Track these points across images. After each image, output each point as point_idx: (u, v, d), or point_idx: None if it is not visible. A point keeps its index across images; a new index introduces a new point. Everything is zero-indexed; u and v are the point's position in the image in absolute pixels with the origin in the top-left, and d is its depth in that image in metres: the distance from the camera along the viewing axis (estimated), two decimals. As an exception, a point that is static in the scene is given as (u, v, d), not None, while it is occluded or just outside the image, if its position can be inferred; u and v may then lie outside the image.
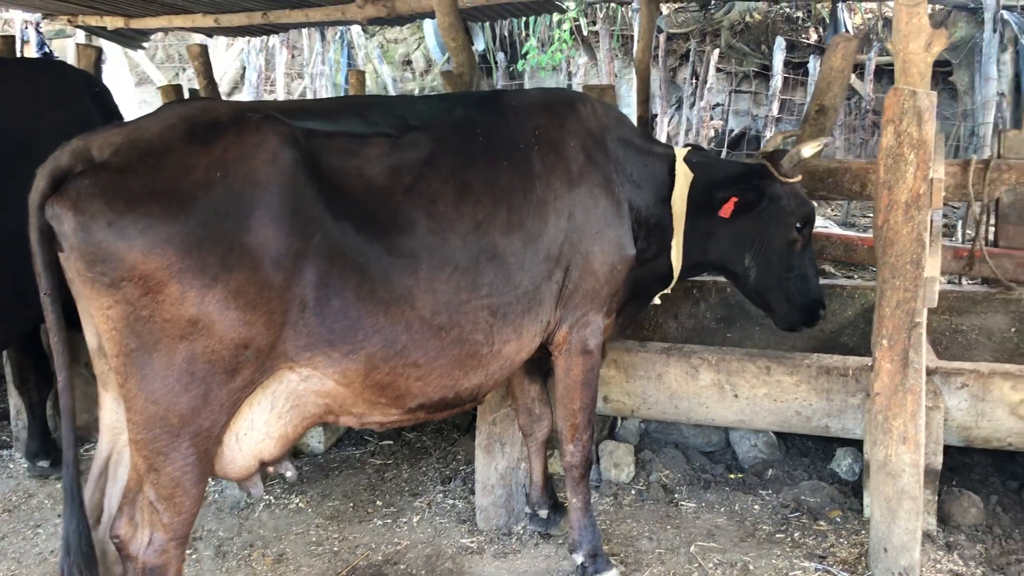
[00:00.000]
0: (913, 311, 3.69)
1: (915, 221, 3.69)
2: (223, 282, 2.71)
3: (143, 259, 2.60)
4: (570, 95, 3.97)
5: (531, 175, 3.51)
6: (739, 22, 15.36)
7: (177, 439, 2.82)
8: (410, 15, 9.03)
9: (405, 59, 19.07)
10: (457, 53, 5.71)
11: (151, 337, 2.69)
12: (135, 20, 9.69)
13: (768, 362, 4.25)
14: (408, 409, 3.31)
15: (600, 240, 3.66)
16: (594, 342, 3.76)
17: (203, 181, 2.71)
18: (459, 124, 3.49)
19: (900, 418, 3.72)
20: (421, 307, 3.13)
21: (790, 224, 4.05)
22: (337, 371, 3.05)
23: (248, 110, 3.01)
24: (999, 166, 4.73)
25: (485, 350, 3.35)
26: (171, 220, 2.63)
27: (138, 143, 2.74)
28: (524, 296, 3.42)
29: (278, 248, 2.80)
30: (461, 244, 3.23)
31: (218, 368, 2.79)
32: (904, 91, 3.82)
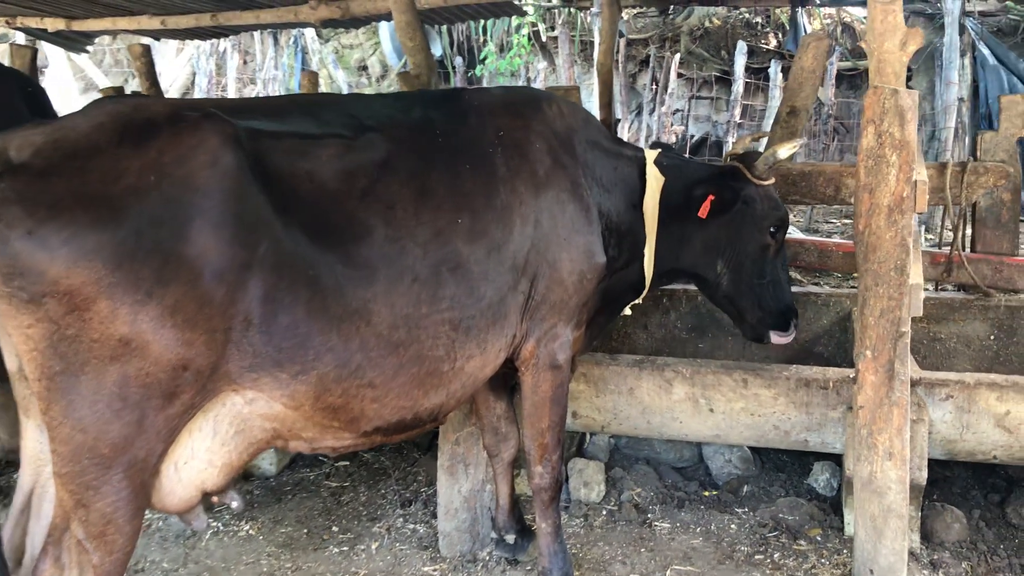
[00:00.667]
0: (898, 320, 3.51)
1: (899, 226, 3.52)
2: (158, 297, 2.46)
3: (67, 272, 2.36)
4: (535, 94, 3.75)
5: (495, 179, 3.28)
6: (698, 27, 15.29)
7: (108, 471, 2.55)
8: (365, 17, 8.76)
9: (361, 64, 18.75)
10: (414, 53, 5.47)
11: (77, 359, 2.43)
12: (77, 22, 9.30)
13: (745, 375, 4.05)
14: (363, 433, 3.05)
15: (568, 248, 3.43)
16: (563, 356, 3.53)
17: (135, 186, 2.47)
18: (417, 124, 3.25)
19: (885, 433, 3.53)
20: (377, 322, 2.88)
21: (764, 228, 3.87)
22: (285, 393, 2.79)
23: (186, 108, 2.74)
24: (976, 169, 4.59)
25: (446, 367, 3.10)
26: (99, 229, 2.39)
27: (62, 143, 2.48)
28: (488, 309, 3.18)
29: (220, 259, 2.55)
30: (421, 253, 2.99)
31: (154, 392, 2.53)
32: (884, 90, 3.66)
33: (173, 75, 18.11)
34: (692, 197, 3.80)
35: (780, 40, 14.82)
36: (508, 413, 3.97)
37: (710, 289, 4.03)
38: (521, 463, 4.29)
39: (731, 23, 15.28)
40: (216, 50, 17.28)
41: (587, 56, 16.45)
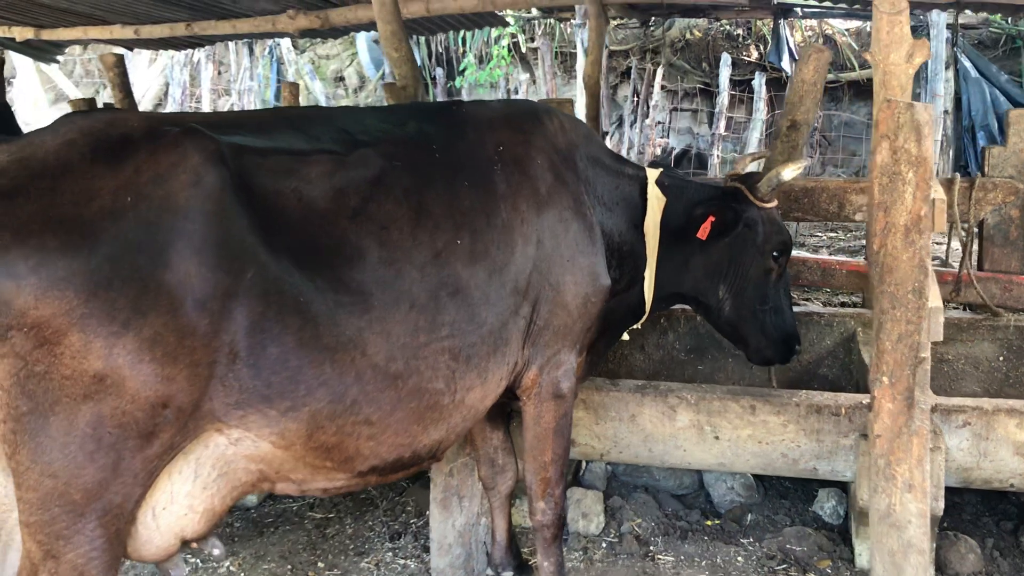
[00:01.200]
0: (917, 345, 3.34)
1: (916, 246, 3.35)
2: (136, 329, 2.24)
3: (36, 303, 2.14)
4: (535, 107, 3.56)
5: (495, 197, 3.08)
6: (679, 40, 15.21)
7: (81, 519, 2.31)
8: (344, 27, 8.59)
9: (337, 75, 18.54)
10: (400, 64, 5.28)
11: (47, 398, 2.20)
12: (47, 31, 9.06)
13: (753, 401, 3.87)
14: (358, 473, 2.81)
15: (572, 269, 3.24)
16: (567, 385, 3.34)
17: (110, 208, 2.26)
18: (412, 139, 3.05)
19: (905, 463, 3.35)
20: (373, 353, 2.65)
21: (766, 252, 3.72)
22: (274, 432, 2.55)
23: (165, 122, 2.52)
24: (984, 185, 4.46)
25: (447, 400, 2.88)
26: (71, 255, 2.18)
27: (29, 162, 2.27)
28: (490, 335, 2.97)
29: (202, 287, 2.33)
30: (419, 277, 2.77)
31: (131, 432, 2.30)
32: (899, 103, 3.48)
33: (145, 86, 17.79)
34: (692, 218, 3.64)
35: (762, 52, 14.76)
36: (505, 444, 3.76)
37: (712, 315, 3.88)
38: (517, 494, 4.10)
39: (712, 35, 15.20)
40: (190, 60, 16.99)
41: (567, 67, 16.34)
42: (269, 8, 8.04)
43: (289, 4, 7.88)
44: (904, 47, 4.32)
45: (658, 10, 9.49)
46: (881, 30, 4.32)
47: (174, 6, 7.92)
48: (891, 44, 4.34)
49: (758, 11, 10.80)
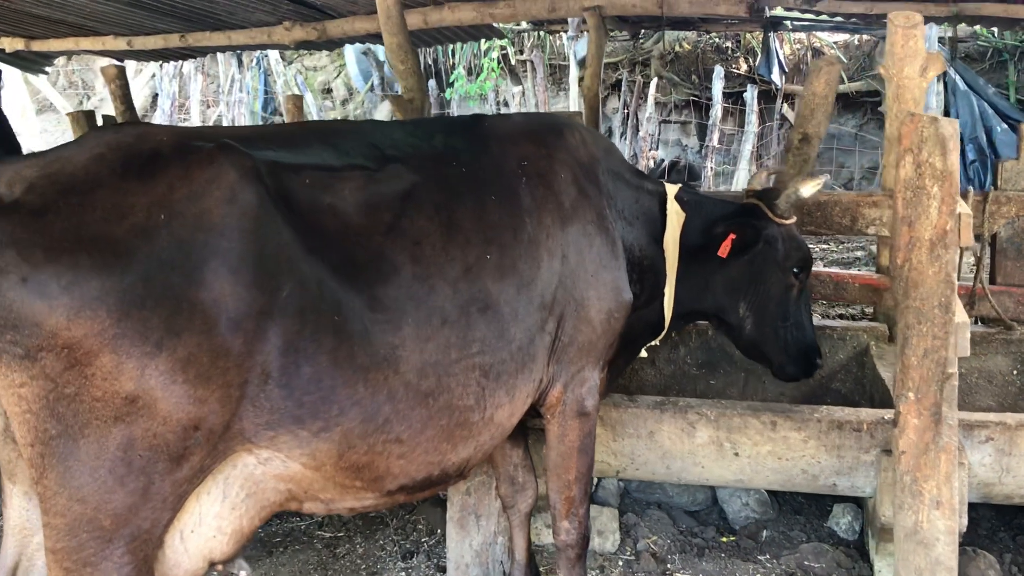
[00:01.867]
0: (944, 360, 3.31)
1: (942, 261, 3.32)
2: (169, 350, 2.19)
3: (68, 323, 2.09)
4: (556, 121, 3.53)
5: (520, 211, 3.05)
6: (669, 52, 15.25)
7: (109, 545, 2.24)
8: (341, 39, 8.55)
9: (325, 87, 18.48)
10: (406, 76, 5.24)
11: (77, 420, 2.14)
12: (37, 42, 8.96)
13: (774, 417, 3.83)
14: (387, 492, 2.77)
15: (596, 284, 3.21)
16: (591, 402, 3.30)
17: (143, 225, 2.20)
18: (440, 154, 3.01)
19: (932, 480, 3.32)
20: (406, 370, 2.61)
21: (787, 269, 3.71)
22: (305, 453, 2.50)
23: (195, 137, 2.46)
24: (998, 198, 4.46)
25: (476, 417, 2.84)
26: (104, 273, 2.12)
27: (58, 178, 2.21)
28: (519, 352, 2.93)
29: (237, 306, 2.27)
30: (451, 292, 2.73)
31: (161, 455, 2.25)
32: (924, 117, 3.45)
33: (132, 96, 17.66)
34: (712, 235, 3.63)
35: (751, 65, 14.82)
36: (525, 461, 3.71)
37: (733, 333, 3.86)
38: (535, 511, 4.04)
39: (702, 48, 15.26)
40: (179, 71, 16.88)
41: (556, 80, 16.36)
42: (265, 19, 7.99)
43: (285, 15, 7.82)
44: (918, 60, 4.33)
45: (649, 23, 9.52)
46: (896, 44, 4.33)
47: (168, 17, 7.86)
48: (905, 58, 4.34)
49: (748, 24, 10.87)
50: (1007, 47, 13.72)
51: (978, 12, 6.92)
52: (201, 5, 7.32)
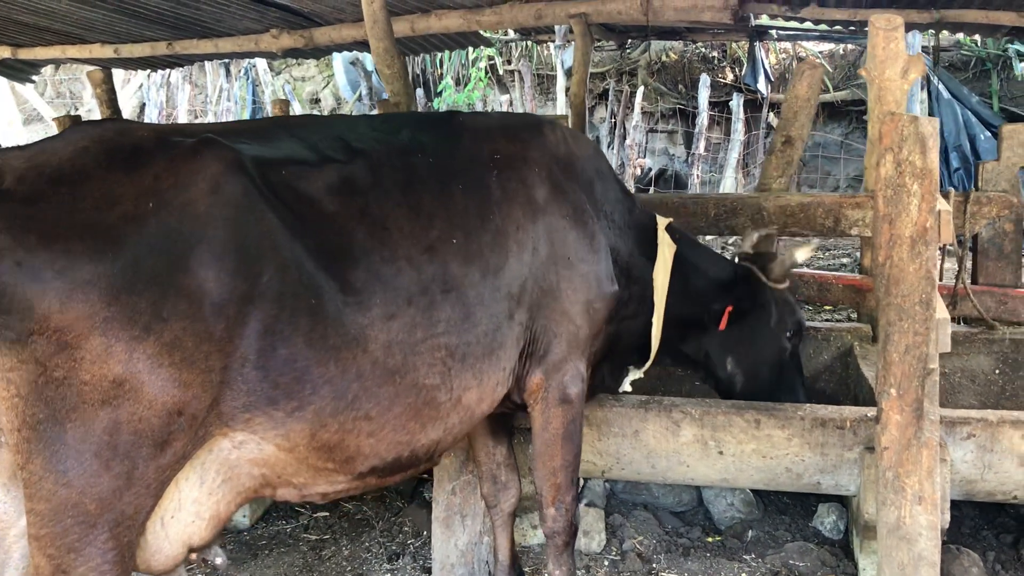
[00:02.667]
0: (925, 356, 3.34)
1: (923, 257, 3.35)
2: (156, 333, 2.26)
3: (60, 307, 2.14)
4: (536, 119, 3.60)
5: (488, 202, 3.11)
6: (656, 62, 15.33)
7: (93, 530, 2.28)
8: (328, 46, 8.57)
9: (313, 97, 18.50)
10: (393, 81, 5.26)
11: (65, 404, 2.18)
12: (24, 50, 8.94)
13: (758, 415, 3.84)
14: (358, 474, 2.80)
15: (571, 276, 3.26)
16: (574, 390, 3.32)
17: (133, 213, 2.28)
18: (407, 146, 3.09)
19: (914, 476, 3.34)
20: (374, 349, 2.67)
21: (779, 334, 3.81)
22: (279, 433, 2.55)
23: (172, 133, 2.54)
24: (979, 199, 4.50)
25: (443, 397, 2.88)
26: (96, 258, 2.19)
27: (45, 169, 2.28)
28: (484, 337, 2.98)
29: (221, 291, 2.34)
30: (416, 275, 2.80)
31: (146, 440, 2.29)
32: (903, 116, 3.49)
33: (120, 105, 17.63)
34: (710, 312, 3.75)
35: (737, 74, 14.91)
36: (508, 460, 3.72)
37: (720, 386, 3.95)
38: (520, 512, 4.04)
39: (688, 57, 15.35)
40: (166, 81, 16.87)
41: (544, 89, 16.42)
42: (252, 27, 8.00)
43: (273, 23, 7.84)
44: (899, 63, 4.37)
45: (635, 32, 9.58)
46: (877, 47, 4.37)
47: (155, 25, 7.86)
48: (887, 60, 4.38)
49: (734, 33, 10.95)
50: (990, 56, 13.86)
51: (960, 19, 6.99)
52: (188, 13, 7.33)
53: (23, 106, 17.97)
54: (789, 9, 7.33)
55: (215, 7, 7.05)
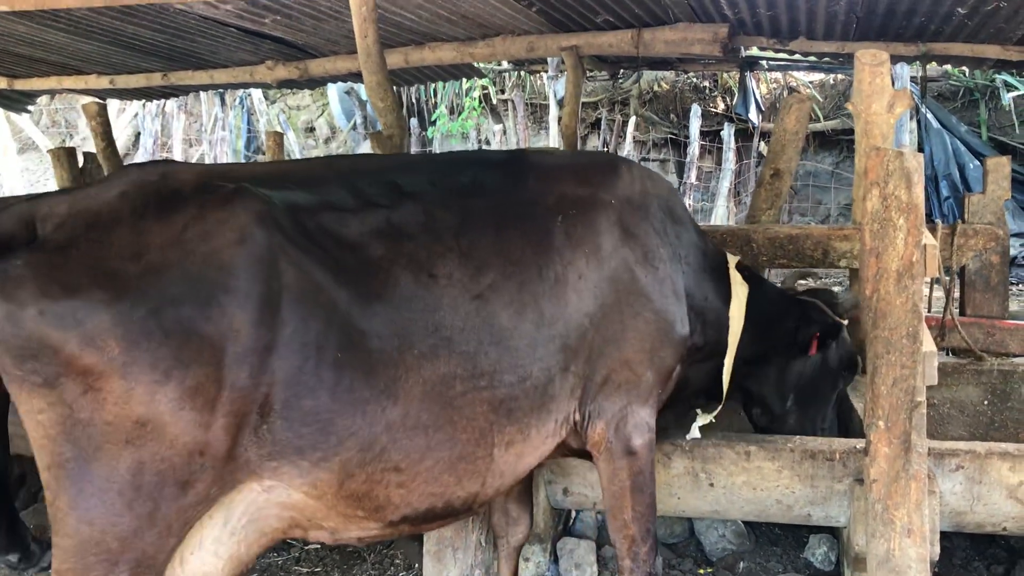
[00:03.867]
0: (913, 389, 3.37)
1: (909, 291, 3.39)
2: (177, 379, 2.31)
3: (81, 352, 2.23)
4: (610, 157, 3.55)
5: (549, 248, 3.03)
6: (648, 92, 15.47)
7: (114, 569, 2.33)
8: (323, 77, 8.65)
9: (308, 126, 18.60)
10: (386, 114, 5.31)
11: (91, 444, 2.28)
12: (20, 81, 9.00)
13: (748, 446, 3.86)
14: (390, 522, 2.79)
15: (637, 324, 3.17)
16: (640, 440, 3.23)
17: (157, 263, 2.34)
18: (465, 189, 3.03)
19: (903, 508, 3.36)
20: (405, 401, 2.65)
21: (839, 370, 3.83)
22: (306, 482, 2.56)
23: (216, 176, 2.58)
24: (965, 231, 4.55)
25: (482, 452, 2.84)
26: (115, 307, 2.26)
27: (84, 214, 2.38)
28: (533, 390, 2.92)
29: (243, 341, 2.38)
30: (459, 324, 2.76)
31: (168, 481, 2.35)
32: (889, 151, 3.54)
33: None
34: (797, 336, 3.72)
35: (728, 104, 15.05)
36: (523, 496, 3.71)
37: (775, 422, 3.92)
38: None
39: (680, 87, 15.49)
40: (161, 110, 16.96)
41: (537, 119, 16.53)
42: (247, 59, 8.08)
43: (268, 55, 7.91)
44: (885, 97, 4.43)
45: (626, 63, 9.67)
46: (863, 81, 4.43)
47: (151, 56, 7.93)
48: (873, 94, 4.44)
49: (725, 64, 11.05)
50: (978, 86, 14.02)
51: (946, 52, 7.08)
52: (184, 45, 7.40)
53: (18, 135, 18.04)
54: (778, 42, 7.42)
55: (210, 40, 7.12)
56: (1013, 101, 13.78)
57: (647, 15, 6.45)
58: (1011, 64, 7.10)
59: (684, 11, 6.33)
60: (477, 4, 6.02)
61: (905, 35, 6.76)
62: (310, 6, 5.95)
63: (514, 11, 6.24)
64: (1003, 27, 6.03)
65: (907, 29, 6.49)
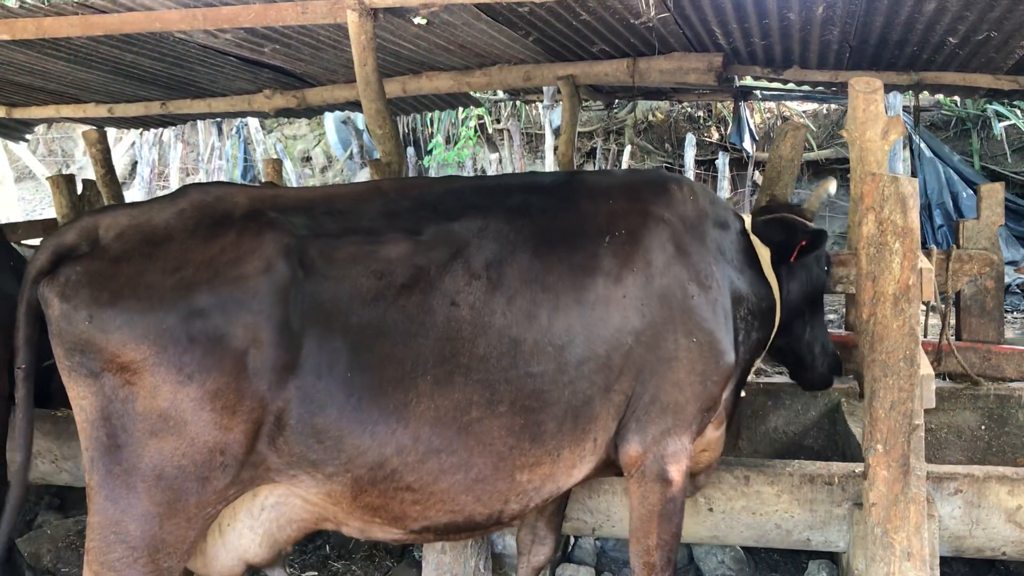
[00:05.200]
0: (911, 412, 3.38)
1: (906, 314, 3.41)
2: (199, 382, 2.55)
3: (119, 352, 2.52)
4: (662, 176, 3.48)
5: (591, 270, 3.02)
6: (643, 121, 15.58)
7: (133, 552, 2.56)
8: (320, 106, 8.69)
9: (305, 155, 18.67)
10: (384, 141, 5.35)
11: (122, 431, 2.56)
12: (19, 110, 9.02)
13: (747, 471, 3.86)
14: (411, 531, 2.90)
15: (688, 345, 3.13)
16: (675, 469, 3.17)
17: (191, 279, 2.58)
18: (510, 212, 3.04)
19: (903, 531, 3.36)
20: (416, 425, 2.72)
21: (822, 265, 3.80)
22: (323, 491, 2.74)
23: (267, 201, 2.78)
24: (960, 256, 4.58)
25: (501, 475, 2.86)
26: (150, 315, 2.53)
27: (142, 228, 2.65)
28: (564, 413, 2.91)
29: (262, 358, 2.59)
30: (480, 353, 2.79)
31: (188, 474, 2.57)
32: (884, 176, 3.58)
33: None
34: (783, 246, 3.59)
35: (723, 133, 15.16)
36: (553, 517, 3.70)
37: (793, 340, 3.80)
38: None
39: (674, 117, 15.61)
40: (159, 139, 17.03)
41: (533, 148, 16.64)
42: (246, 88, 8.11)
43: (266, 84, 7.96)
44: (880, 124, 4.47)
45: (622, 92, 9.76)
46: (858, 108, 4.48)
47: (149, 85, 7.97)
48: (867, 122, 4.49)
49: (719, 94, 11.14)
50: (969, 116, 14.15)
51: (938, 81, 7.15)
52: (183, 73, 7.44)
53: (15, 164, 18.08)
54: (772, 71, 7.49)
55: (209, 68, 7.15)
56: (1005, 131, 13.91)
57: (642, 44, 6.51)
58: (1002, 93, 7.15)
59: (679, 41, 6.39)
60: (474, 34, 6.07)
61: (898, 64, 6.82)
62: (309, 35, 6.00)
63: (511, 40, 6.30)
64: (994, 56, 6.10)
65: (899, 58, 6.56)
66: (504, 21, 5.71)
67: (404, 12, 5.02)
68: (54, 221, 7.91)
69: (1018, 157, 13.83)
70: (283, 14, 5.00)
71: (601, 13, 5.50)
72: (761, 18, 5.56)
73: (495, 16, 5.55)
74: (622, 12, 5.44)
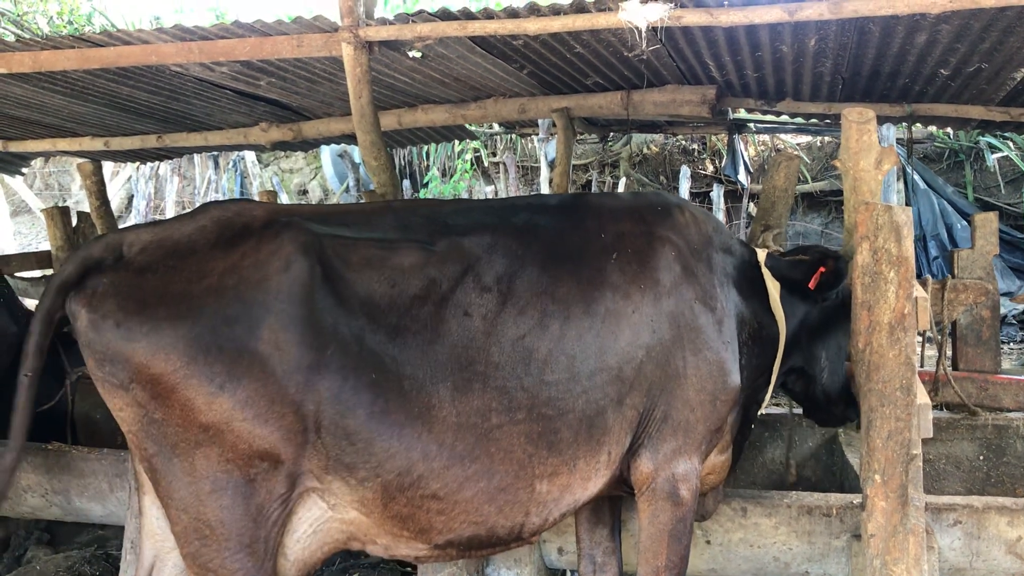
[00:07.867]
0: (908, 442, 3.36)
1: (902, 343, 3.41)
2: (231, 391, 2.59)
3: (147, 362, 2.55)
4: (666, 199, 3.55)
5: (600, 284, 3.10)
6: (637, 154, 15.66)
7: (224, 552, 2.64)
8: (316, 139, 8.72)
9: (301, 189, 18.72)
10: (379, 172, 5.37)
11: (168, 442, 2.62)
12: (15, 143, 9.04)
13: (744, 503, 3.83)
14: (435, 545, 2.90)
15: (697, 362, 3.19)
16: (686, 488, 3.21)
17: (215, 286, 2.63)
18: (517, 229, 3.13)
19: (902, 563, 3.32)
20: (439, 430, 2.76)
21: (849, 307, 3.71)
22: (356, 499, 2.76)
23: (283, 213, 2.84)
24: (955, 286, 4.58)
25: (522, 484, 2.89)
26: (177, 324, 2.57)
27: (165, 242, 2.71)
28: (578, 422, 2.96)
29: (289, 359, 2.64)
30: (496, 361, 2.86)
31: (238, 478, 2.64)
32: (878, 206, 3.59)
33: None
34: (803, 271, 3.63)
35: (717, 166, 15.23)
36: (610, 543, 3.69)
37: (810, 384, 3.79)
38: None
39: (669, 149, 15.68)
40: (155, 173, 17.07)
41: (528, 180, 16.68)
42: (242, 121, 8.15)
43: (262, 117, 7.99)
44: (873, 154, 4.48)
45: (616, 125, 9.81)
46: (851, 138, 4.49)
47: (146, 119, 8.00)
48: (860, 152, 4.50)
49: (713, 127, 11.20)
50: (962, 148, 14.23)
51: (931, 112, 7.19)
52: (179, 107, 7.47)
53: (11, 198, 18.11)
54: (765, 103, 7.54)
55: (206, 102, 7.18)
56: (998, 162, 13.99)
57: (636, 77, 6.56)
58: (994, 124, 7.20)
59: (672, 73, 6.43)
60: (469, 67, 6.11)
61: (890, 96, 6.87)
62: (305, 68, 6.03)
63: (506, 73, 6.34)
64: (985, 88, 6.15)
65: (892, 90, 6.61)
66: (499, 54, 5.74)
67: (399, 45, 5.06)
68: (47, 254, 7.90)
69: (1011, 188, 13.89)
70: (279, 47, 5.03)
71: (595, 46, 5.54)
72: (754, 50, 5.60)
73: (490, 49, 5.59)
74: (616, 45, 5.48)
